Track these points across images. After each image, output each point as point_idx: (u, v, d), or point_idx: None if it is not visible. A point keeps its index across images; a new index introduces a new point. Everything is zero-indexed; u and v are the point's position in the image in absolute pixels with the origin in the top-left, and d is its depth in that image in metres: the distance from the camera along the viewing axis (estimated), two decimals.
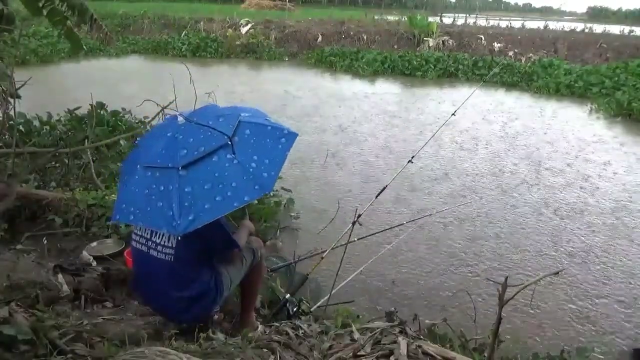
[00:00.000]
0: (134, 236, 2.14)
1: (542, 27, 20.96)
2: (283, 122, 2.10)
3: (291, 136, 2.04)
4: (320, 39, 16.88)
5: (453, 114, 3.80)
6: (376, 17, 22.08)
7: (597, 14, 56.49)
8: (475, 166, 6.25)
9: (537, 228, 4.57)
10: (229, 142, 1.91)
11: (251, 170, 1.87)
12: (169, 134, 1.99)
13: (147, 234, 2.06)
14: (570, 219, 4.80)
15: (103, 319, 2.18)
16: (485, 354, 1.95)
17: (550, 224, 4.67)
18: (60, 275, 2.54)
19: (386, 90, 11.73)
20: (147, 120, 5.37)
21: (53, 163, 4.58)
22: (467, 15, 30.06)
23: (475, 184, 5.63)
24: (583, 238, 4.42)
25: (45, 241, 3.19)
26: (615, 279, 3.77)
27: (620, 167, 6.46)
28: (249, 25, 17.29)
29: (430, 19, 19.64)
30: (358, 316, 2.60)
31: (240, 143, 1.94)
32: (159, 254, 2.03)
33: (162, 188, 1.85)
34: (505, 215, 4.82)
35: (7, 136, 4.46)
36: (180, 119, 2.01)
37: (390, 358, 1.66)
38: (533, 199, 5.26)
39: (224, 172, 1.85)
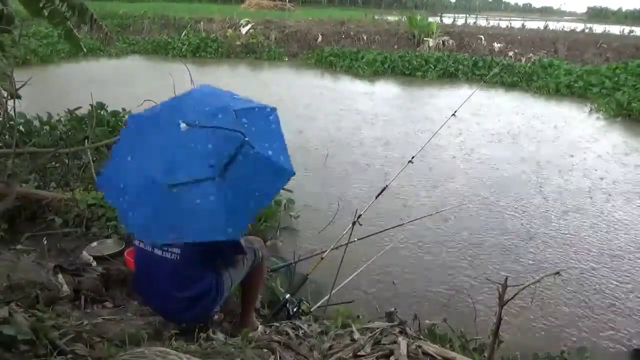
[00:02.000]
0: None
1: (542, 27, 20.98)
2: (283, 123, 2.09)
3: (274, 110, 2.05)
4: (320, 39, 16.88)
5: (453, 114, 3.80)
6: (376, 17, 22.08)
7: (597, 14, 56.48)
8: (476, 166, 6.25)
9: (538, 227, 4.57)
10: (245, 139, 1.87)
11: (272, 159, 1.88)
12: (177, 143, 1.85)
13: None
14: (571, 219, 4.80)
15: (103, 319, 2.18)
16: (485, 354, 1.95)
17: (552, 223, 4.67)
18: (60, 275, 2.54)
19: (386, 90, 11.73)
20: None
21: (53, 163, 4.58)
22: (467, 15, 30.08)
23: (476, 184, 5.63)
24: (583, 238, 4.42)
25: (45, 241, 3.19)
26: (615, 278, 3.77)
27: (618, 165, 6.47)
28: (249, 26, 17.29)
29: (430, 19, 19.64)
30: (358, 316, 2.60)
31: (248, 135, 1.90)
32: (164, 253, 2.03)
33: (199, 201, 1.77)
34: (506, 215, 4.82)
35: (7, 136, 4.46)
36: (183, 125, 1.86)
37: (390, 358, 1.66)
38: (534, 198, 5.26)
39: (253, 169, 1.85)
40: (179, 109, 1.96)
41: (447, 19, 24.36)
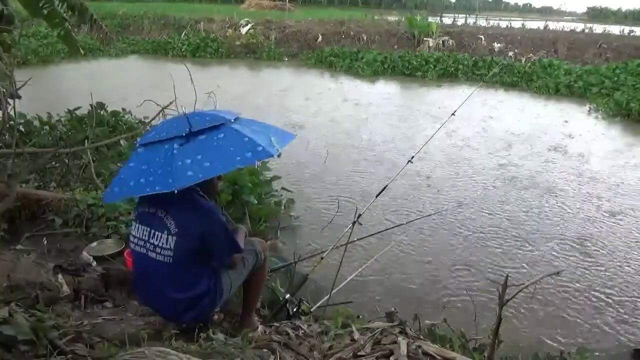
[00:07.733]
0: (132, 238, 2.13)
1: (542, 27, 20.95)
2: (282, 123, 2.12)
3: (288, 136, 2.20)
4: (320, 39, 16.87)
5: (453, 113, 3.79)
6: (376, 18, 22.07)
7: (597, 14, 56.39)
8: (475, 166, 6.24)
9: (538, 228, 4.57)
10: (231, 120, 2.09)
11: (249, 135, 2.01)
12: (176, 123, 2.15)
13: (145, 235, 2.06)
14: (571, 220, 4.80)
15: (103, 319, 2.19)
16: (485, 354, 1.95)
17: (551, 224, 4.67)
18: (60, 276, 2.54)
19: (386, 90, 11.73)
20: (147, 121, 5.36)
21: (53, 163, 4.58)
22: (467, 15, 30.02)
23: (476, 184, 5.63)
24: (583, 238, 4.42)
25: (45, 241, 3.19)
26: (614, 279, 3.77)
27: (616, 164, 6.47)
28: (249, 26, 17.28)
29: (430, 19, 19.63)
30: (358, 316, 2.60)
31: (242, 126, 2.09)
32: (157, 255, 2.03)
33: (162, 156, 1.98)
34: (506, 215, 4.82)
35: (7, 136, 4.46)
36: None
37: (390, 358, 1.66)
38: (533, 199, 5.26)
39: (225, 140, 1.99)
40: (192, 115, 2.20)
41: (447, 19, 24.33)
